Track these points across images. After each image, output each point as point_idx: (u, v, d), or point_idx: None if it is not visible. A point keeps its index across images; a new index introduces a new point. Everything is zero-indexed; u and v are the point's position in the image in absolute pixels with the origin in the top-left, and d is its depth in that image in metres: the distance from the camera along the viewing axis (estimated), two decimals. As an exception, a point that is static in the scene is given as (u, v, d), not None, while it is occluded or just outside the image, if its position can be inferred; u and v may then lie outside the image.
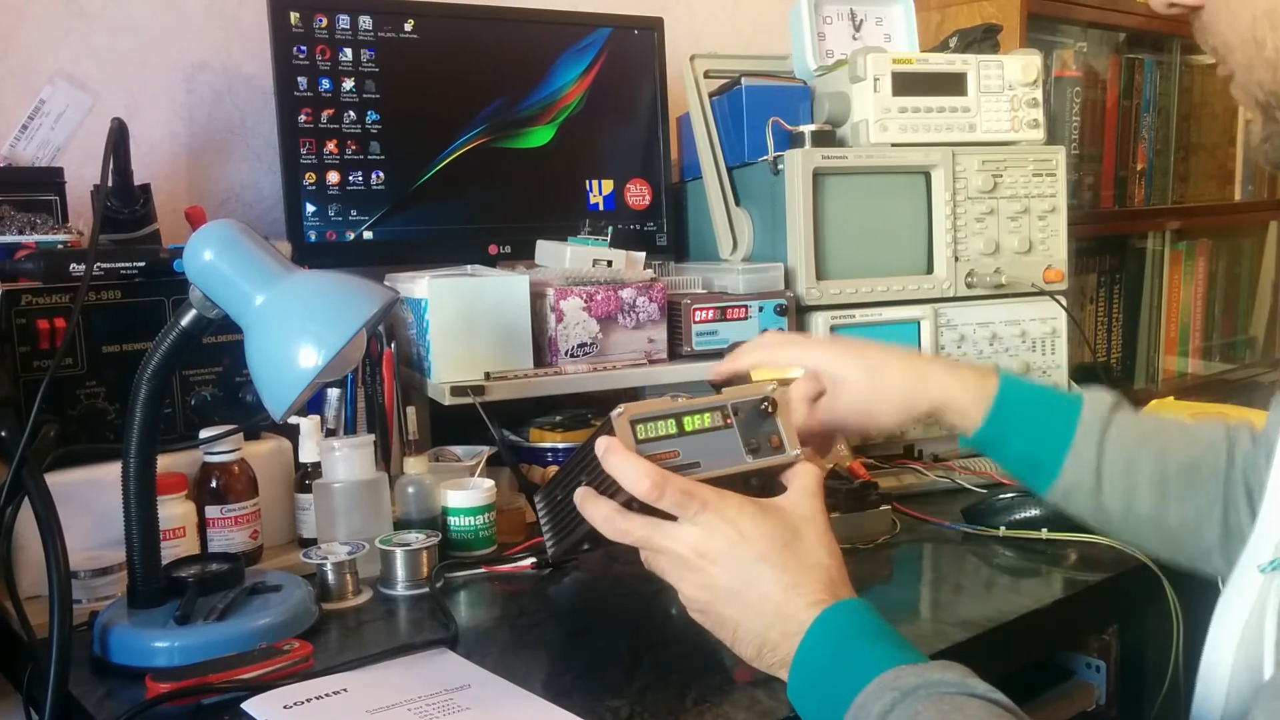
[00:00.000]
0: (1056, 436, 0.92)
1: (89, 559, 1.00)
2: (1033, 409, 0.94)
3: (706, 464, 0.79)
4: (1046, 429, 0.93)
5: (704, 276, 1.44)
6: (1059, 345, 1.51)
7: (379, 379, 1.22)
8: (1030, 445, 0.93)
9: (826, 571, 0.75)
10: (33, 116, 1.22)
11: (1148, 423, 0.95)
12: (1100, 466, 0.90)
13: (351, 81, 1.38)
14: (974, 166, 1.46)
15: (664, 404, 0.80)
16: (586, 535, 0.80)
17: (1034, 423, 0.93)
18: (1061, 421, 0.92)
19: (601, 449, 0.76)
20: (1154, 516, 0.90)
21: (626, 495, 0.75)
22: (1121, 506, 0.91)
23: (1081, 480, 0.91)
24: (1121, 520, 0.92)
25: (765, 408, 0.82)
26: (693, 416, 0.80)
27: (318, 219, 1.38)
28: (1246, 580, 0.68)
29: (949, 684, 0.65)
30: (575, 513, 0.80)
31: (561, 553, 0.86)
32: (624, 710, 0.78)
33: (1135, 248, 2.33)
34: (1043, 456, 0.92)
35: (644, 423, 0.78)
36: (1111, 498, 0.91)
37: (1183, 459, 0.91)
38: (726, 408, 0.81)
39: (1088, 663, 1.39)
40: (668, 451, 0.78)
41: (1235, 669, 0.66)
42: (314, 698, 0.80)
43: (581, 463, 0.81)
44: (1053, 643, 1.24)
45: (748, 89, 1.52)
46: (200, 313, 0.88)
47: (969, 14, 1.91)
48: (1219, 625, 0.69)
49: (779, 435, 0.82)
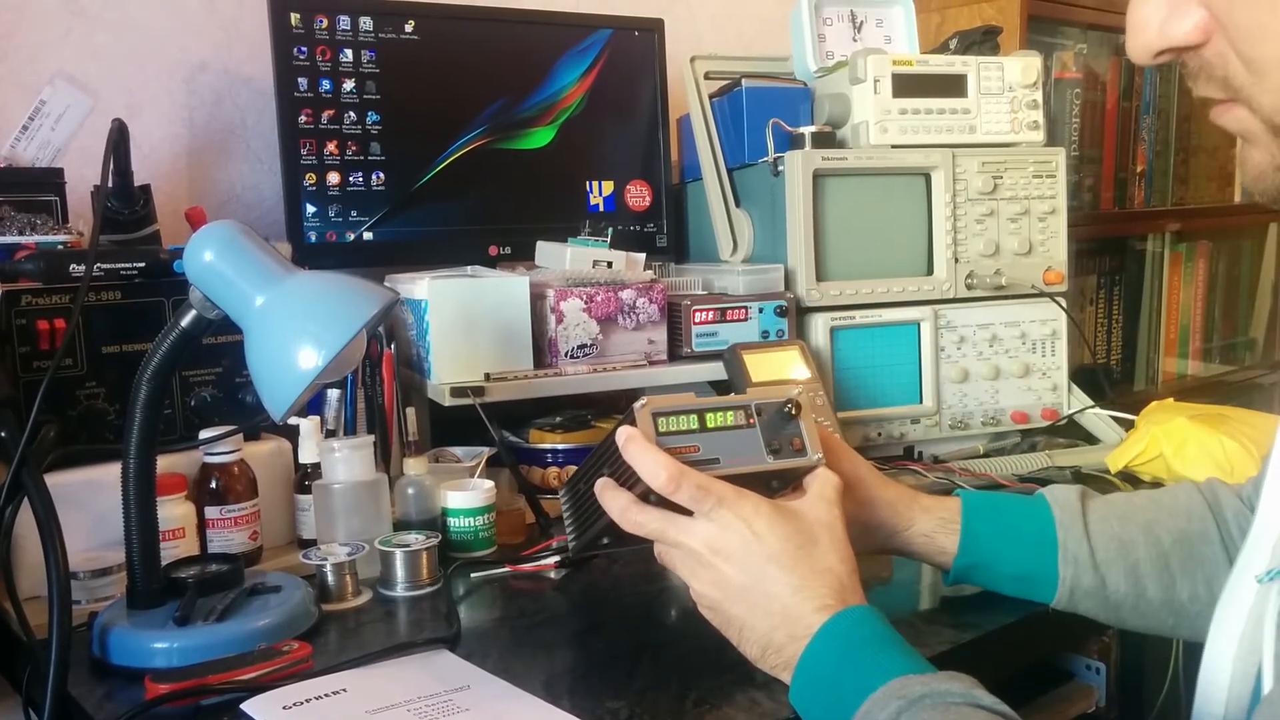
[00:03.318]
0: (1039, 546, 0.89)
1: (88, 560, 1.00)
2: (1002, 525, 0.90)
3: (726, 461, 0.79)
4: (1025, 541, 0.89)
5: (704, 278, 1.44)
6: (1059, 347, 1.51)
7: (379, 380, 1.21)
8: (1017, 565, 0.90)
9: (837, 577, 0.74)
10: (33, 117, 1.22)
11: (1121, 504, 0.92)
12: (1095, 562, 0.88)
13: (352, 82, 1.38)
14: (974, 168, 1.46)
15: (687, 399, 0.80)
16: (605, 529, 0.80)
17: (1009, 539, 0.90)
18: (1037, 529, 0.89)
19: (622, 438, 0.76)
20: (1166, 599, 0.87)
21: (644, 487, 0.75)
22: (1130, 596, 0.88)
23: (1081, 581, 0.88)
24: (1134, 609, 0.89)
25: (789, 410, 0.81)
26: (715, 413, 0.80)
27: (318, 220, 1.38)
28: (1243, 590, 0.67)
29: (955, 694, 0.65)
30: (596, 505, 0.80)
31: (582, 547, 0.86)
32: (624, 711, 0.78)
33: (1135, 249, 2.33)
34: (1035, 571, 0.89)
35: (666, 416, 0.78)
36: (1116, 589, 0.88)
37: (1173, 533, 0.88)
38: (750, 407, 0.81)
39: (1087, 665, 1.39)
40: (688, 446, 0.78)
41: (1234, 680, 0.66)
42: (313, 698, 0.80)
43: (604, 454, 0.81)
44: (1052, 645, 1.24)
45: (748, 90, 1.52)
46: (200, 313, 0.88)
47: (969, 15, 1.91)
48: (1216, 636, 0.68)
49: (801, 438, 0.82)
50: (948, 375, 1.45)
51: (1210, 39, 0.55)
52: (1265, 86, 0.54)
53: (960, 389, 1.46)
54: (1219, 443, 1.25)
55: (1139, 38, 0.57)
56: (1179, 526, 0.89)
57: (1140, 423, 1.38)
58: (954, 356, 1.46)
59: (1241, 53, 0.53)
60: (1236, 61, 0.54)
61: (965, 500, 0.92)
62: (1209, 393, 2.29)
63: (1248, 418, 1.33)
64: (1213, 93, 0.57)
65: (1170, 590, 0.87)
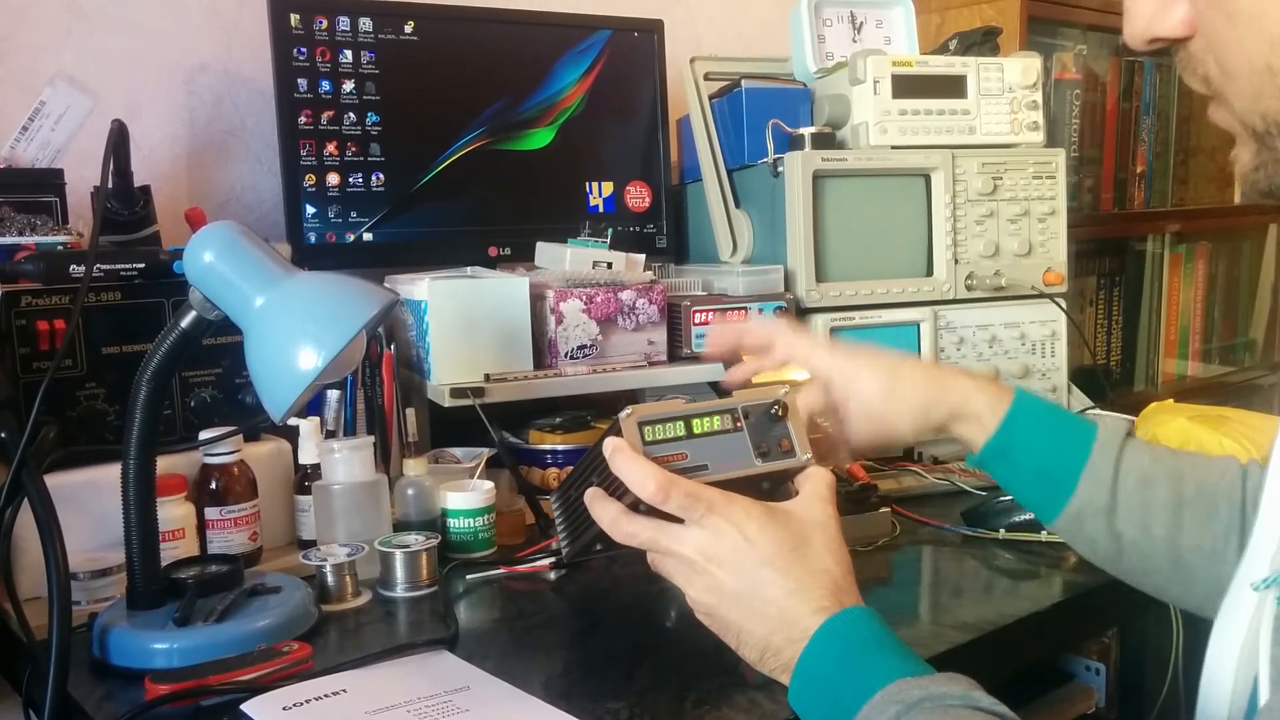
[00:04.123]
0: (1072, 453, 0.88)
1: (88, 560, 1.00)
2: (1048, 423, 0.90)
3: (715, 467, 0.78)
4: (1062, 444, 0.89)
5: (704, 279, 1.44)
6: (1058, 348, 1.51)
7: (379, 381, 1.22)
8: (1044, 460, 0.89)
9: (832, 578, 0.74)
10: (33, 118, 1.22)
11: (1161, 450, 0.91)
12: (1116, 486, 0.87)
13: (351, 83, 1.38)
14: (974, 169, 1.46)
15: (673, 406, 0.80)
16: (597, 536, 0.80)
17: (1049, 437, 0.90)
18: (1077, 439, 0.89)
19: (609, 450, 0.76)
20: (1168, 540, 0.87)
21: (634, 497, 0.75)
22: (1135, 529, 0.87)
23: (1096, 499, 0.87)
24: (1133, 545, 0.88)
25: (776, 411, 0.81)
26: (701, 419, 0.79)
27: (318, 221, 1.38)
28: (1244, 598, 0.67)
29: (954, 697, 0.64)
30: (587, 513, 0.80)
31: (575, 553, 0.86)
32: (624, 712, 0.78)
33: (1135, 250, 2.33)
34: (1057, 471, 0.89)
35: (652, 424, 0.78)
36: (1125, 519, 0.87)
37: (1198, 485, 0.88)
38: (736, 411, 0.81)
39: (1087, 665, 1.39)
40: (676, 454, 0.78)
41: (1235, 691, 0.65)
42: (313, 699, 0.80)
43: (593, 463, 0.81)
44: (1052, 646, 1.24)
45: (748, 91, 1.52)
46: (200, 314, 0.88)
47: (969, 16, 1.91)
48: (1217, 643, 0.68)
49: (789, 439, 0.82)
50: (947, 376, 1.45)
51: (1195, 35, 0.57)
52: (1234, 90, 0.56)
53: (960, 390, 1.46)
54: (1219, 444, 1.25)
55: (1132, 24, 0.59)
56: (1207, 481, 0.88)
57: (1140, 424, 1.38)
58: (953, 357, 1.46)
59: (1215, 56, 0.56)
60: (1213, 63, 0.56)
61: (1019, 394, 0.91)
62: (1209, 394, 2.29)
63: (1248, 419, 1.32)
64: (1198, 86, 0.59)
65: (1175, 535, 0.86)
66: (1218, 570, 0.84)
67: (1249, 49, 0.53)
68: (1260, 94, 0.54)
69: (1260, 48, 0.52)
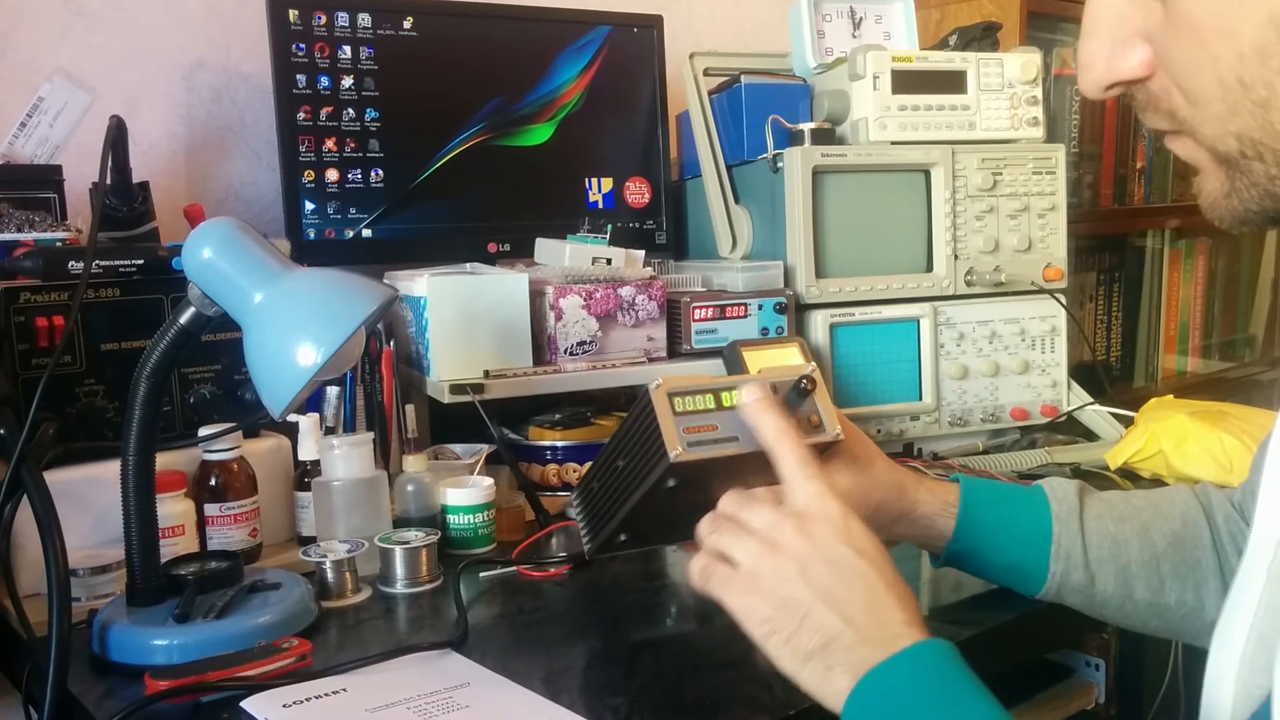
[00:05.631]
0: (1034, 538, 0.88)
1: (88, 557, 0.99)
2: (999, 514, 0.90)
3: (745, 439, 0.77)
4: (1020, 532, 0.89)
5: (703, 274, 1.44)
6: (1058, 343, 1.51)
7: (378, 377, 1.21)
8: (1009, 554, 0.89)
9: (912, 598, 0.69)
10: (31, 114, 1.22)
11: (1116, 502, 0.91)
12: (1088, 559, 0.87)
13: (350, 79, 1.38)
14: (974, 165, 1.45)
15: (701, 379, 0.80)
16: (622, 524, 0.80)
17: (1005, 529, 0.89)
18: (1032, 520, 0.88)
19: (750, 396, 0.76)
20: (1153, 602, 0.87)
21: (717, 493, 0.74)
22: (1117, 596, 0.88)
23: (1071, 578, 0.87)
24: (1119, 609, 0.88)
25: (804, 385, 0.81)
26: (731, 392, 0.79)
27: (317, 217, 1.38)
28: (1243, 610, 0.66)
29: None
30: (611, 498, 0.79)
31: (598, 548, 0.86)
32: (624, 708, 0.78)
33: (1135, 246, 2.33)
34: (1025, 562, 0.88)
35: (682, 396, 0.77)
36: (1104, 588, 0.88)
37: (1168, 537, 0.88)
38: (765, 385, 0.80)
39: (1087, 661, 1.39)
40: (705, 425, 0.77)
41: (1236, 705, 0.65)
42: (313, 697, 0.80)
43: (619, 446, 0.81)
44: (1052, 641, 1.24)
45: (747, 87, 1.52)
46: (199, 310, 0.88)
47: (969, 12, 1.91)
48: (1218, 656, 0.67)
49: (818, 414, 0.81)
50: (947, 372, 1.45)
51: (1155, 73, 0.56)
52: (1204, 116, 0.55)
53: (960, 386, 1.46)
54: (1218, 439, 1.25)
55: (1089, 74, 0.58)
56: (1174, 530, 0.89)
57: (1140, 419, 1.38)
58: (953, 353, 1.46)
59: (1180, 85, 0.55)
60: (1178, 94, 0.55)
61: (964, 486, 0.91)
62: (1208, 389, 2.29)
63: (1247, 414, 1.32)
64: (1160, 124, 0.58)
65: (1158, 594, 0.87)
66: (1206, 616, 0.85)
67: (1222, 67, 0.52)
68: (1235, 111, 0.53)
69: (1233, 63, 0.52)
